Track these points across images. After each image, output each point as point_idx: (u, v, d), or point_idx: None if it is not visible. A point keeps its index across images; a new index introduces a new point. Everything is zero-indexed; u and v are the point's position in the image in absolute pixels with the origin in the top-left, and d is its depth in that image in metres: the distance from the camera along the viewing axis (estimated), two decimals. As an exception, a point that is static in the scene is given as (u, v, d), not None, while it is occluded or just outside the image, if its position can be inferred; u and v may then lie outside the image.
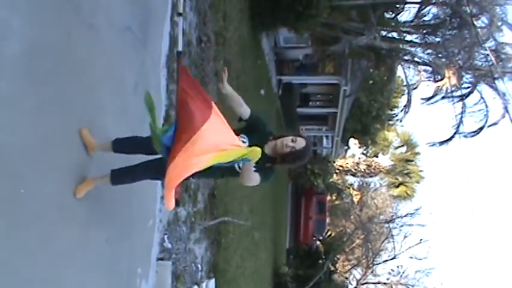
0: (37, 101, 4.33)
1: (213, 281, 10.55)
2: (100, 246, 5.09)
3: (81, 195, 4.93)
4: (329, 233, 30.61)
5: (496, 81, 18.32)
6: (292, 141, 4.94)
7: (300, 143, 4.97)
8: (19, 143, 4.11)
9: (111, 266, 5.61)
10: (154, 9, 7.68)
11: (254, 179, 4.82)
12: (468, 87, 19.99)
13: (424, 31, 19.27)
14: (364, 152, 42.56)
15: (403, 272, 29.97)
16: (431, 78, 21.34)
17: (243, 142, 4.92)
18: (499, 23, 17.96)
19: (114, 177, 5.18)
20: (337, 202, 36.85)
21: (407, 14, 20.63)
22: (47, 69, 4.51)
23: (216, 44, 11.27)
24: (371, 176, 38.04)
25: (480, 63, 19.14)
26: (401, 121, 35.84)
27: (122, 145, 5.34)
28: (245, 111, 5.16)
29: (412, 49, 20.42)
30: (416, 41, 20.08)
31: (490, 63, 17.80)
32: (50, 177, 4.54)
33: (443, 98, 20.83)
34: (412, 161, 35.98)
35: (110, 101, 5.87)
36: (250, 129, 5.19)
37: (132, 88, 6.52)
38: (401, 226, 29.88)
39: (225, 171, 5.02)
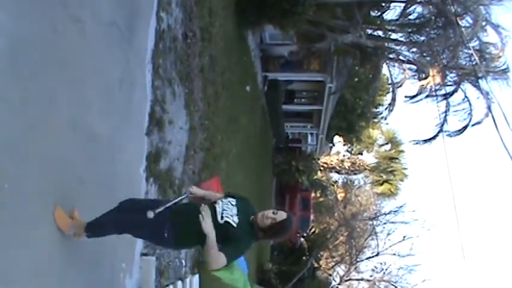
0: (22, 96, 4.33)
1: (197, 276, 10.57)
2: (83, 241, 5.08)
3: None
4: (313, 229, 30.75)
5: (480, 81, 18.44)
6: (273, 213, 4.83)
7: (281, 215, 4.83)
8: (4, 137, 4.11)
9: (94, 261, 5.62)
10: (140, 4, 7.68)
11: (219, 259, 4.62)
12: (452, 86, 20.10)
13: (409, 30, 19.34)
14: (349, 149, 42.67)
15: (386, 269, 30.10)
16: (416, 77, 21.44)
17: (232, 202, 5.00)
18: (483, 23, 18.06)
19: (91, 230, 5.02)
20: (321, 199, 36.93)
21: (393, 12, 20.71)
22: (32, 64, 4.52)
23: (201, 39, 11.28)
24: (355, 174, 38.12)
25: (464, 63, 19.24)
26: (385, 119, 35.97)
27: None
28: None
29: (397, 47, 20.50)
30: (401, 39, 20.15)
31: (474, 62, 17.90)
32: (35, 174, 4.55)
33: (427, 96, 20.91)
34: (396, 159, 36.09)
35: (95, 96, 5.87)
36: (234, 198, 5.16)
37: (117, 84, 6.52)
38: (385, 223, 29.99)
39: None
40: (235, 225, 4.80)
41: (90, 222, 5.00)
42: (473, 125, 20.08)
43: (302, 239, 30.22)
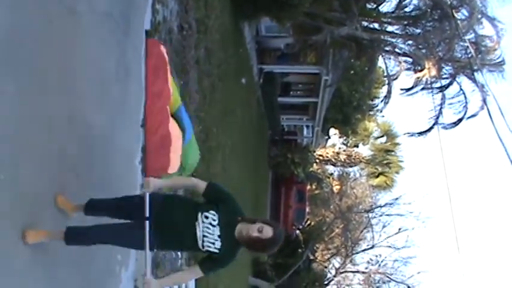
0: (16, 87, 4.32)
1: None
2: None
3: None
4: (309, 222, 30.78)
5: (475, 73, 18.45)
6: (258, 230, 4.53)
7: (267, 232, 4.53)
8: (-1, 128, 4.12)
9: (89, 254, 5.62)
10: (135, -4, 7.67)
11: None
12: (448, 79, 20.12)
13: (405, 22, 19.34)
14: (344, 142, 42.68)
15: (382, 261, 30.18)
16: (412, 69, 21.46)
17: (213, 220, 4.64)
18: (479, 16, 18.07)
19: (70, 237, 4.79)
20: (317, 191, 36.93)
21: (389, 5, 20.68)
22: (28, 55, 4.51)
23: (197, 32, 11.25)
24: (351, 166, 38.14)
25: (460, 55, 19.27)
26: (381, 111, 35.98)
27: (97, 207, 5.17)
28: (199, 186, 4.89)
29: (393, 40, 20.51)
30: (397, 32, 20.15)
31: (470, 55, 17.92)
32: (29, 164, 4.55)
33: (423, 89, 20.95)
34: (392, 151, 36.12)
35: (91, 88, 5.87)
36: (216, 204, 4.78)
37: (113, 75, 6.52)
38: (381, 216, 30.07)
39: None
40: (217, 251, 4.64)
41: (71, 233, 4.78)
42: (468, 118, 20.13)
43: (297, 231, 30.25)
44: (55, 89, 4.97)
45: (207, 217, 4.65)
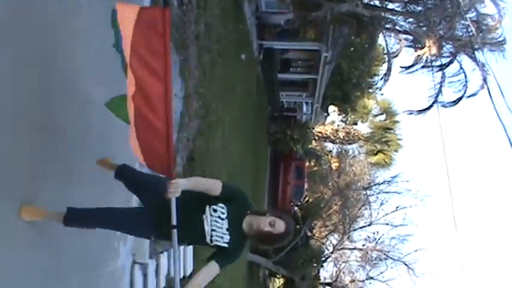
0: (12, 62, 4.29)
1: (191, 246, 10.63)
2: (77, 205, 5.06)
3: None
4: (307, 198, 30.87)
5: (476, 52, 18.38)
6: (270, 224, 4.33)
7: (279, 227, 4.34)
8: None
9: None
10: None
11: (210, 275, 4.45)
12: (448, 57, 20.05)
13: (406, 0, 19.23)
14: (343, 119, 42.68)
15: (379, 239, 30.30)
16: (412, 47, 21.39)
17: (222, 213, 4.45)
18: (481, -6, 17.99)
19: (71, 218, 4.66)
20: (315, 168, 36.99)
21: (390, -19, 20.55)
22: (24, 30, 4.47)
23: (197, 7, 11.19)
24: (349, 143, 38.19)
25: (461, 34, 19.16)
26: (381, 89, 35.96)
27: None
28: (215, 188, 4.49)
29: (394, 17, 20.38)
30: (398, 9, 20.03)
31: (471, 34, 17.84)
32: (28, 138, 4.54)
33: (423, 67, 20.88)
34: (391, 129, 36.11)
35: (89, 62, 5.84)
36: (227, 200, 4.53)
37: (111, 50, 6.48)
38: (379, 193, 30.11)
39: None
40: (227, 245, 4.46)
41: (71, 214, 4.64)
42: (468, 97, 20.10)
43: (296, 208, 30.34)
44: (53, 64, 4.94)
45: (215, 210, 4.47)
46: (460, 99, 20.24)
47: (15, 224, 4.31)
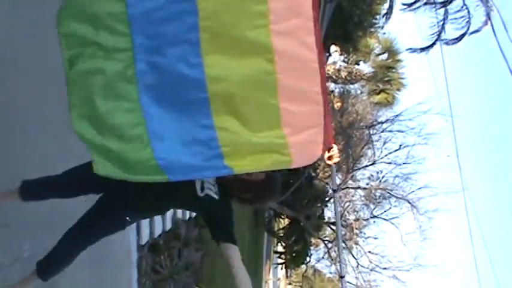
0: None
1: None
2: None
3: None
4: (310, 139, 30.85)
5: (479, -13, 18.15)
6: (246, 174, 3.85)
7: (257, 175, 3.93)
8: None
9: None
10: None
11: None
12: (451, -7, 19.80)
13: None
14: (345, 59, 42.39)
15: (383, 178, 30.41)
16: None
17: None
18: None
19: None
20: (318, 109, 36.86)
21: None
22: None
23: None
24: (352, 83, 38.02)
25: (463, -32, 18.91)
26: (383, 28, 35.60)
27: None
28: None
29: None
30: None
31: (474, -33, 17.58)
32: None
33: (425, 4, 20.62)
34: (394, 68, 35.92)
35: None
36: None
37: None
38: (382, 132, 30.08)
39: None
40: (217, 197, 4.01)
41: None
42: (471, 33, 19.89)
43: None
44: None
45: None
46: (463, 36, 20.03)
47: None
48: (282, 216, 28.21)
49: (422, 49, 21.23)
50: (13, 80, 4.30)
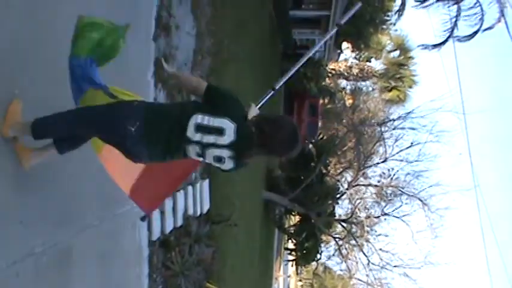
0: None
1: (207, 181, 10.71)
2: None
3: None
4: (321, 135, 30.81)
5: (493, -17, 18.05)
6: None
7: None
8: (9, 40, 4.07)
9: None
10: None
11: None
12: (464, -10, 19.70)
13: None
14: (357, 56, 42.32)
15: (394, 175, 30.31)
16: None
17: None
18: None
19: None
20: (329, 105, 36.89)
21: None
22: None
23: None
24: (363, 80, 37.98)
25: (477, -36, 18.81)
26: (395, 25, 35.49)
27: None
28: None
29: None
30: None
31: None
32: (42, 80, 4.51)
33: (437, 0, 20.53)
34: (405, 65, 35.84)
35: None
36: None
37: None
38: (393, 129, 29.98)
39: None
40: None
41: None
42: (484, 30, 19.78)
43: (310, 145, 30.37)
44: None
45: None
46: (475, 33, 19.92)
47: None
48: (293, 213, 28.19)
49: (435, 46, 21.15)
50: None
